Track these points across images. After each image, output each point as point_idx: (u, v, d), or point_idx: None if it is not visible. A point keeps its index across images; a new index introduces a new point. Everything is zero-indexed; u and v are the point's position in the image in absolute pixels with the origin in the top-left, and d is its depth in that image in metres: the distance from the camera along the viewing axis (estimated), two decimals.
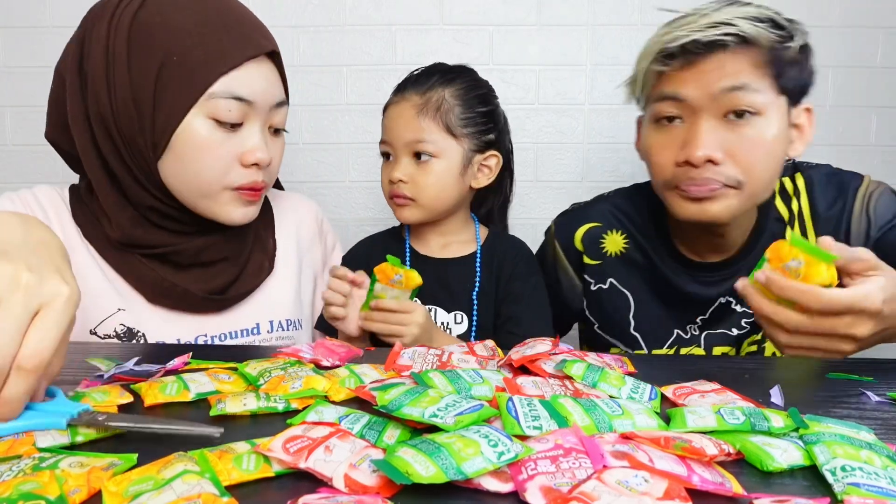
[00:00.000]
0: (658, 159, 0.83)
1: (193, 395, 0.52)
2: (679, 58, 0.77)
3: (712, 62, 0.76)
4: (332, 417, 0.46)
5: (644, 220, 0.96)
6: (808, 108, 0.83)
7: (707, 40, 0.74)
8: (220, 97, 0.72)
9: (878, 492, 0.36)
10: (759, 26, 0.75)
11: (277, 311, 0.89)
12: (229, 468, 0.38)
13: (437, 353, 0.64)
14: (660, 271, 0.93)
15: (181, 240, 0.80)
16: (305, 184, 1.42)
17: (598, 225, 0.98)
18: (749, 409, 0.47)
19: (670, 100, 0.79)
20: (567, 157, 1.42)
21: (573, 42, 1.38)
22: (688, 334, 0.94)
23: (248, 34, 0.75)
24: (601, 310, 0.98)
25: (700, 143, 0.76)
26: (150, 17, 0.72)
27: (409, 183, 0.94)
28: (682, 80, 0.78)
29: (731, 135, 0.77)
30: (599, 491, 0.34)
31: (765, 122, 0.77)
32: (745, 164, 0.77)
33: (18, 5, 1.36)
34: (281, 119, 0.81)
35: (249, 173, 0.77)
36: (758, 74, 0.76)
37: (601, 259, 0.97)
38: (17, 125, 1.39)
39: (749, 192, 0.79)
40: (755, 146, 0.77)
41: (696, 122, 0.78)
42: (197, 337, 0.82)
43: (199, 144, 0.73)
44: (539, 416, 0.44)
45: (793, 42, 0.76)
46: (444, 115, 0.92)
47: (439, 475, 0.35)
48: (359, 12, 1.37)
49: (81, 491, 0.36)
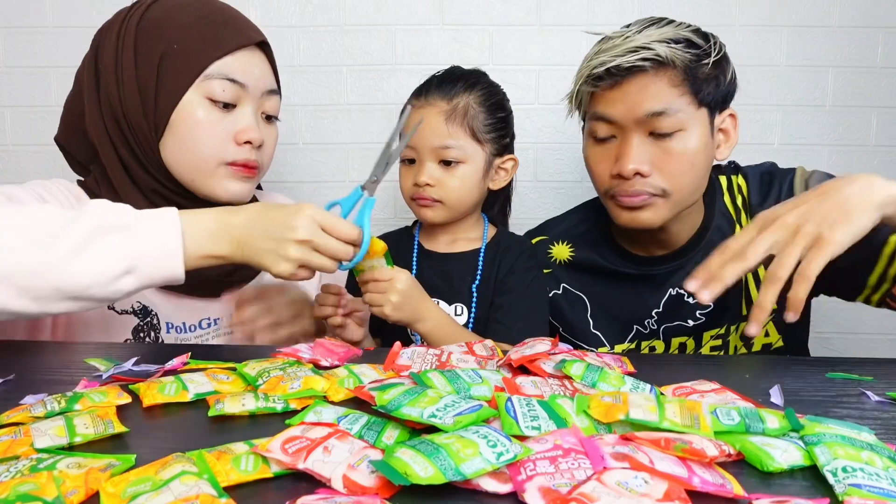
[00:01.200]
0: (596, 171, 0.92)
1: (192, 396, 0.52)
2: (606, 80, 0.85)
3: (635, 84, 0.84)
4: (330, 418, 0.46)
5: (587, 228, 1.05)
6: (732, 114, 0.91)
7: (628, 65, 0.83)
8: (214, 78, 0.80)
9: (880, 493, 0.36)
10: (675, 48, 0.82)
11: None
12: (227, 469, 0.38)
13: (437, 353, 0.64)
14: (608, 269, 1.00)
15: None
16: (305, 184, 1.42)
17: (543, 238, 1.06)
18: (745, 409, 0.47)
19: (602, 120, 0.88)
20: (567, 157, 1.42)
21: (573, 42, 1.38)
22: (646, 328, 0.99)
23: (241, 27, 0.84)
24: (561, 314, 1.03)
25: (629, 159, 0.85)
26: (156, 15, 0.81)
27: (436, 186, 0.95)
28: (610, 101, 0.86)
29: (657, 150, 0.85)
30: (599, 492, 0.34)
31: (687, 136, 0.85)
32: (671, 175, 0.85)
33: (18, 5, 1.35)
34: (273, 107, 0.88)
35: (243, 150, 0.83)
36: (676, 94, 0.83)
37: (550, 267, 1.04)
38: (17, 125, 1.39)
39: (675, 200, 0.87)
40: (679, 159, 0.85)
41: (625, 140, 0.86)
42: (200, 320, 0.87)
43: (195, 122, 0.80)
44: (538, 416, 0.44)
45: (708, 59, 0.84)
46: (471, 121, 0.95)
47: (438, 476, 0.35)
48: (359, 12, 1.37)
49: (79, 492, 0.36)
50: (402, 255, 1.03)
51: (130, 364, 0.61)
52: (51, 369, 0.62)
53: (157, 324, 0.83)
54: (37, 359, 0.66)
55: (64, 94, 0.87)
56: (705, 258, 0.68)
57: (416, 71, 1.38)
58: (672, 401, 0.47)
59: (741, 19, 1.36)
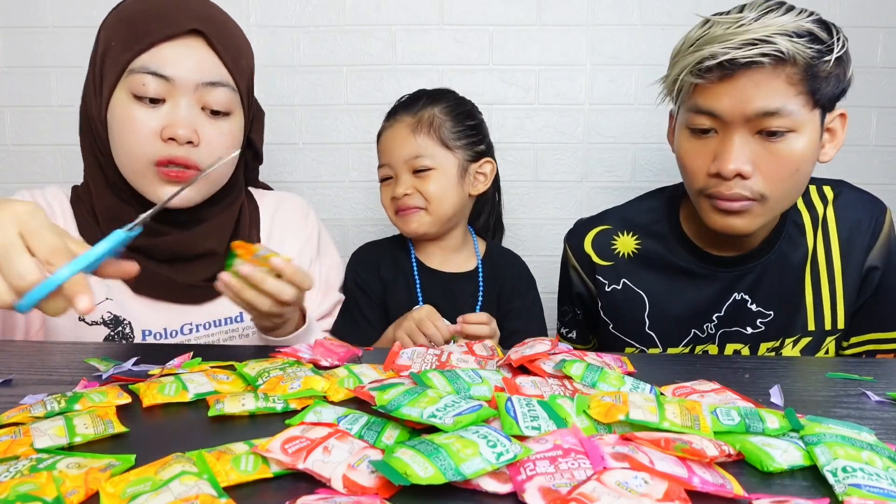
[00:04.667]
0: (691, 167, 0.85)
1: (192, 396, 0.52)
2: (716, 72, 0.77)
3: (748, 79, 0.76)
4: (330, 418, 0.46)
5: (656, 220, 0.98)
6: (842, 113, 0.83)
7: (745, 60, 0.75)
8: (137, 72, 0.77)
9: (880, 493, 0.36)
10: (798, 43, 0.74)
11: None
12: (227, 469, 0.38)
13: (437, 354, 0.64)
14: (675, 266, 0.95)
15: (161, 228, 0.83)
16: (305, 184, 1.42)
17: (608, 227, 1.00)
18: (745, 409, 0.47)
19: (705, 114, 0.80)
20: (567, 157, 1.42)
21: (573, 42, 1.38)
22: (704, 333, 0.94)
23: (175, 16, 0.78)
24: (616, 310, 0.99)
25: (731, 158, 0.78)
26: (114, 12, 0.82)
27: (414, 194, 0.99)
28: (717, 95, 0.79)
29: (763, 150, 0.79)
30: (599, 492, 0.34)
31: (797, 139, 0.78)
32: (773, 179, 0.79)
33: (18, 5, 1.35)
34: (217, 100, 0.80)
35: (168, 147, 0.78)
36: (792, 92, 0.76)
37: (613, 260, 0.98)
38: (17, 125, 1.39)
39: (772, 205, 0.81)
40: (785, 162, 0.78)
41: (728, 137, 0.79)
42: (182, 325, 0.85)
43: (122, 118, 0.78)
44: (538, 416, 0.44)
45: (831, 55, 0.76)
46: (437, 130, 0.99)
47: (438, 476, 0.35)
48: (359, 12, 1.37)
49: (79, 492, 0.36)
50: (401, 269, 1.04)
51: (130, 364, 0.60)
52: (51, 369, 0.62)
53: (131, 332, 0.82)
54: (37, 359, 0.66)
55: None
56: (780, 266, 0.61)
57: (416, 71, 1.39)
58: (672, 401, 0.47)
59: None
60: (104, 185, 0.84)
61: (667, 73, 0.87)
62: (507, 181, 1.42)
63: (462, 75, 1.38)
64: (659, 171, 1.41)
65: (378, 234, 1.38)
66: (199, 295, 0.85)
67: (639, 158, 1.41)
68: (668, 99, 0.90)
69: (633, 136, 1.40)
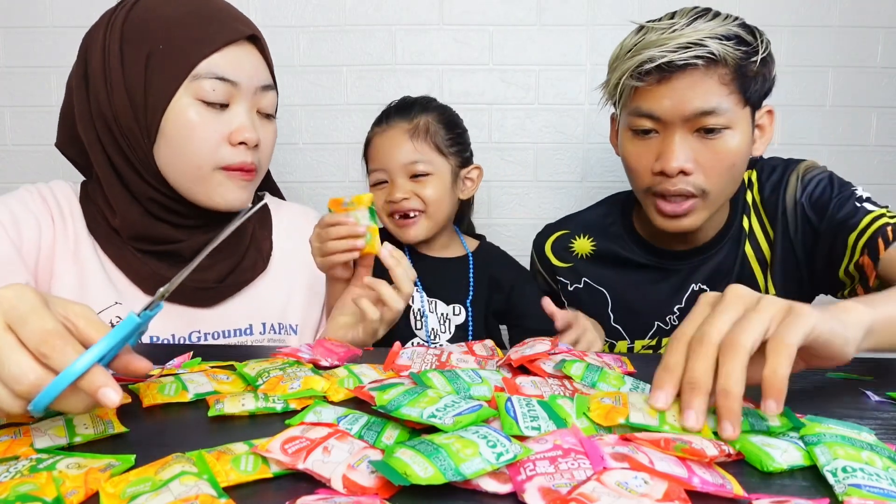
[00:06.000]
0: (636, 167, 0.89)
1: (192, 396, 0.52)
2: (654, 75, 0.82)
3: (684, 80, 0.81)
4: (330, 418, 0.46)
5: (610, 222, 1.04)
6: (769, 111, 0.90)
7: (681, 62, 0.80)
8: (204, 77, 0.76)
9: (880, 493, 0.36)
10: (727, 45, 0.80)
11: (270, 314, 0.90)
12: (227, 469, 0.38)
13: (437, 353, 0.64)
14: (631, 262, 1.00)
15: (183, 234, 0.83)
16: (305, 184, 1.42)
17: (565, 232, 1.06)
18: (745, 408, 0.47)
19: (645, 116, 0.85)
20: (567, 157, 1.42)
21: (573, 42, 1.38)
22: (668, 325, 0.99)
23: (229, 21, 0.80)
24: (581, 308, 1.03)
25: (674, 157, 0.83)
26: (141, 13, 0.78)
27: (412, 198, 1.02)
28: (656, 97, 0.83)
29: (702, 147, 0.84)
30: (599, 492, 0.34)
31: (732, 135, 0.84)
32: (713, 174, 0.85)
33: (18, 5, 1.35)
34: (269, 103, 0.84)
35: (238, 152, 0.79)
36: (725, 92, 0.82)
37: (572, 262, 1.05)
38: (17, 125, 1.39)
39: (713, 199, 0.87)
40: (722, 157, 0.84)
41: (670, 136, 0.84)
42: (191, 333, 0.84)
43: (187, 125, 0.77)
44: (538, 416, 0.44)
45: (756, 56, 0.82)
46: (433, 137, 1.03)
47: (437, 476, 0.35)
48: (359, 12, 1.37)
49: (79, 492, 0.36)
50: None
51: None
52: None
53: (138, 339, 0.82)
54: None
55: (64, 95, 0.87)
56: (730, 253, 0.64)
57: (416, 71, 1.39)
58: (672, 403, 0.47)
59: None
60: (128, 200, 0.80)
61: (606, 80, 0.92)
62: (507, 181, 1.42)
63: (462, 75, 1.38)
64: None
65: None
66: (208, 296, 0.85)
67: None
68: (610, 104, 0.94)
69: None
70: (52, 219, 0.81)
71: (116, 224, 0.81)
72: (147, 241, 0.82)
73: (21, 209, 0.80)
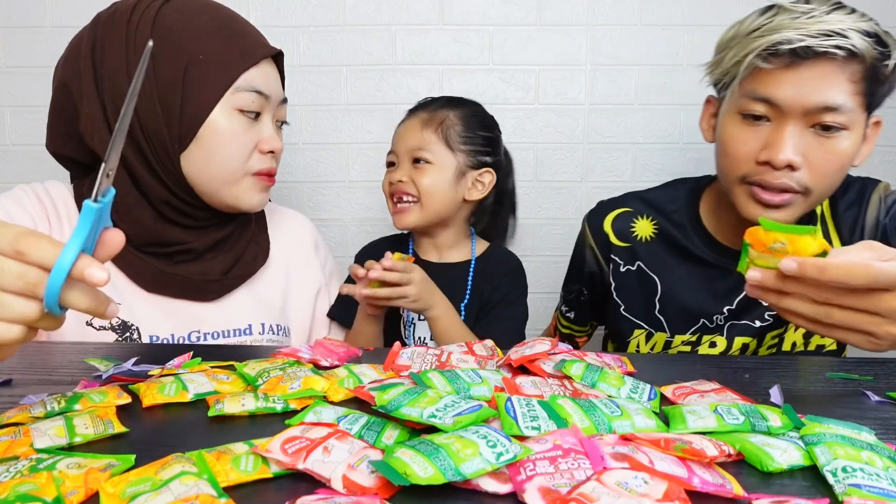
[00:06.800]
0: (736, 153, 0.83)
1: (192, 396, 0.52)
2: (783, 57, 0.76)
3: (814, 70, 0.75)
4: (330, 418, 0.46)
5: (675, 208, 0.99)
6: (878, 121, 0.84)
7: (821, 49, 0.74)
8: (244, 90, 0.80)
9: (879, 493, 0.36)
10: (868, 41, 0.74)
11: (269, 314, 0.91)
12: (227, 469, 0.38)
13: (437, 354, 0.64)
14: (691, 254, 0.95)
15: (193, 236, 0.84)
16: (305, 184, 1.42)
17: (628, 210, 1.01)
18: (746, 407, 0.47)
19: (761, 100, 0.79)
20: (567, 157, 1.42)
21: (573, 42, 1.38)
22: (713, 323, 0.95)
23: (258, 37, 0.85)
24: (628, 291, 1.00)
25: (785, 148, 0.77)
26: (171, 21, 0.78)
27: (408, 182, 1.03)
28: (778, 83, 0.77)
29: (815, 144, 0.78)
30: (599, 492, 0.34)
31: (847, 137, 0.78)
32: (821, 173, 0.79)
33: (18, 5, 1.35)
34: (284, 114, 0.90)
35: (266, 159, 0.85)
36: (853, 90, 0.76)
37: (630, 242, 1.00)
38: (17, 125, 1.39)
39: (813, 200, 0.82)
40: (834, 158, 0.79)
41: (783, 126, 0.79)
42: (190, 332, 0.84)
43: (226, 134, 0.80)
44: (537, 416, 0.44)
45: (890, 60, 0.76)
46: (445, 130, 1.04)
47: (437, 476, 0.35)
48: (359, 12, 1.37)
49: (79, 492, 0.36)
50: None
51: (130, 364, 0.60)
52: (51, 370, 0.62)
53: (138, 338, 0.82)
54: (37, 359, 0.66)
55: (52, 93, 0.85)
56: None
57: (416, 71, 1.39)
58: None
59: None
60: (141, 204, 0.80)
61: (718, 58, 0.86)
62: None
63: (462, 75, 1.38)
64: (659, 170, 1.41)
65: (378, 234, 1.38)
66: (213, 289, 0.86)
67: (639, 158, 1.41)
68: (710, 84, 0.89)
69: (633, 136, 1.40)
70: (48, 219, 0.81)
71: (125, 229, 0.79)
72: (157, 245, 0.82)
73: (17, 209, 0.79)
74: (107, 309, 0.44)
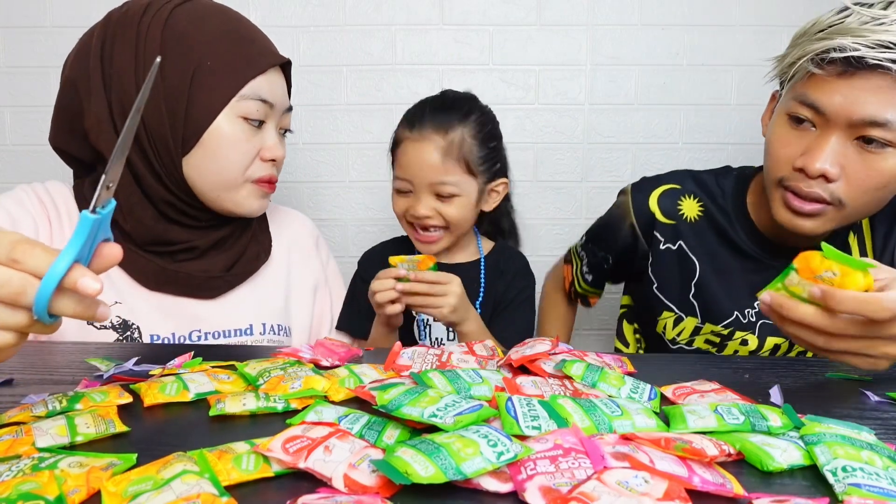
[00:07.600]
0: (777, 155, 0.82)
1: (193, 396, 0.52)
2: (836, 65, 0.74)
3: (869, 82, 0.73)
4: (331, 417, 0.46)
5: (724, 195, 0.96)
6: None
7: (874, 62, 0.71)
8: (249, 98, 0.80)
9: (879, 492, 0.36)
10: None
11: (270, 314, 0.91)
12: (229, 468, 0.38)
13: (437, 353, 0.64)
14: (733, 243, 0.94)
15: (195, 234, 0.84)
16: (305, 184, 1.42)
17: (675, 187, 0.99)
18: (746, 406, 0.47)
19: (809, 106, 0.78)
20: (567, 157, 1.42)
21: (573, 42, 1.38)
22: (745, 318, 0.94)
23: (267, 45, 0.85)
24: (665, 270, 0.98)
25: (821, 158, 0.76)
26: (182, 25, 0.78)
27: (434, 217, 0.99)
28: (828, 90, 0.76)
29: (857, 157, 0.76)
30: (599, 491, 0.34)
31: (892, 154, 0.75)
32: (857, 189, 0.77)
33: (18, 5, 1.35)
34: (288, 122, 0.90)
35: (267, 167, 0.85)
36: None
37: (675, 220, 0.98)
38: (17, 125, 1.39)
39: (847, 214, 0.80)
40: (875, 175, 0.76)
41: (826, 135, 0.77)
42: (191, 332, 0.84)
43: (229, 140, 0.80)
44: (538, 415, 0.44)
45: None
46: (466, 156, 0.97)
47: (438, 475, 0.35)
48: (359, 12, 1.37)
49: (81, 491, 0.36)
50: None
51: (131, 364, 0.61)
52: (52, 369, 0.62)
53: (139, 338, 0.82)
54: (38, 359, 0.66)
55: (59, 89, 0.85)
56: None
57: (416, 71, 1.39)
58: None
59: (741, 19, 1.36)
60: (143, 204, 0.81)
61: (784, 53, 0.84)
62: None
63: (462, 75, 1.38)
64: (659, 170, 1.39)
65: (378, 234, 1.39)
66: (216, 286, 0.86)
67: (639, 158, 1.41)
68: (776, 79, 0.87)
69: (633, 136, 1.40)
70: (49, 219, 0.81)
71: (128, 228, 0.81)
72: (160, 244, 0.83)
73: (18, 209, 0.80)
74: (96, 312, 0.44)
